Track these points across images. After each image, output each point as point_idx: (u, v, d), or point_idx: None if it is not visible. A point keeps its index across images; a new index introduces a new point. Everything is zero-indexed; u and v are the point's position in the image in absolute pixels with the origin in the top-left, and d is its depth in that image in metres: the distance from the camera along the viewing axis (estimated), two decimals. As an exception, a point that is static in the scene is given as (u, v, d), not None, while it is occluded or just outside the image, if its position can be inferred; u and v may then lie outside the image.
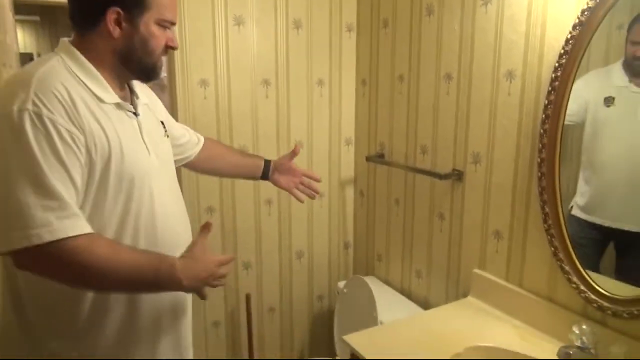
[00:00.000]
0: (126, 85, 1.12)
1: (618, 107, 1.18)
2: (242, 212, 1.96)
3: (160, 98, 1.32)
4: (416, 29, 1.74)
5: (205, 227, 1.05)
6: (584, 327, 1.16)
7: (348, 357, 1.38)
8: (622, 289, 1.18)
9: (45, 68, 0.96)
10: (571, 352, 1.16)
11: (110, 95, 1.02)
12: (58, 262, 0.90)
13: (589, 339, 1.15)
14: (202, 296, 1.03)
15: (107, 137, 0.97)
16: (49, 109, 0.90)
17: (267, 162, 1.52)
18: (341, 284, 2.03)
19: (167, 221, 1.10)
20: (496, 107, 1.46)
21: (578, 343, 1.16)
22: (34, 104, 0.89)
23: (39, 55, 3.86)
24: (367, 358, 1.26)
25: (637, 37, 1.13)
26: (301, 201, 1.50)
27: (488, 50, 1.46)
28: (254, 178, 1.53)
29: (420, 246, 1.84)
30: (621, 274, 1.21)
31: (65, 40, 1.04)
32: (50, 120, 0.89)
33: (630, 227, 1.20)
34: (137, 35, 1.02)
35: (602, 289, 1.20)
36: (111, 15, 0.99)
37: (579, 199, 1.28)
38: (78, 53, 1.01)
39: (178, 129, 1.39)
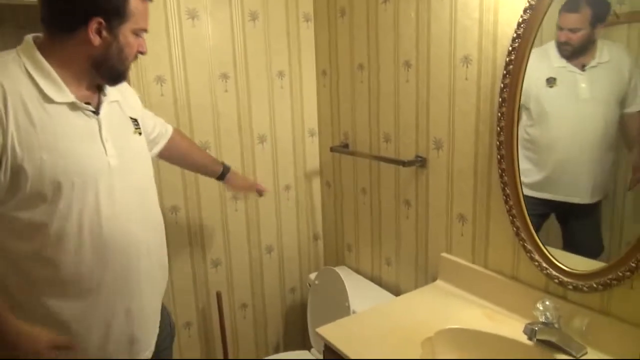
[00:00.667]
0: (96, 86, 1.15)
1: (560, 87, 1.22)
2: (207, 209, 1.92)
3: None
4: (373, 16, 1.74)
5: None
6: (547, 303, 1.19)
7: (322, 348, 1.38)
8: (579, 262, 1.22)
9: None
10: (536, 328, 1.20)
11: (63, 95, 1.05)
12: None
13: (552, 314, 1.19)
14: None
15: (38, 138, 1.00)
16: None
17: (226, 169, 1.67)
18: (312, 275, 2.03)
19: (116, 220, 1.12)
20: (454, 93, 1.48)
21: (542, 319, 1.19)
22: None
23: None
24: (340, 349, 1.26)
25: (562, 23, 1.18)
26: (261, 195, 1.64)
27: (444, 36, 1.48)
28: (211, 177, 1.69)
29: (389, 234, 1.85)
30: (573, 247, 1.25)
31: (29, 38, 1.07)
32: None
33: (579, 200, 1.25)
34: (116, 44, 1.07)
35: (562, 264, 1.25)
36: (93, 24, 1.03)
37: (524, 178, 1.31)
38: (37, 53, 1.04)
39: (149, 124, 1.43)
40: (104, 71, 1.10)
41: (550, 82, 1.22)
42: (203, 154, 1.70)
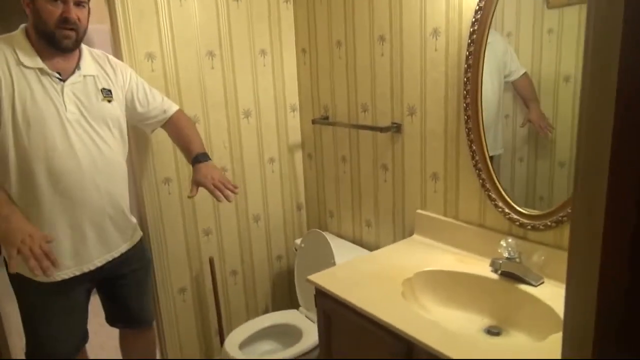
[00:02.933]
0: (76, 60, 1.50)
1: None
2: (198, 181, 2.03)
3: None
4: (349, -4, 1.88)
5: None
6: (509, 240, 1.38)
7: (312, 308, 1.52)
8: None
9: None
10: (501, 262, 1.38)
11: (34, 62, 1.41)
12: None
13: (514, 249, 1.37)
14: (8, 254, 1.25)
15: (13, 86, 1.36)
16: None
17: (201, 156, 1.69)
18: (298, 240, 2.18)
19: (69, 160, 1.44)
20: (425, 63, 1.64)
21: (505, 254, 1.38)
22: None
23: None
24: (330, 290, 1.42)
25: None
26: (218, 200, 1.62)
27: (415, 11, 1.63)
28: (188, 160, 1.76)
29: (368, 197, 2.02)
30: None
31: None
32: None
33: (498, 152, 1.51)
34: (36, 12, 1.38)
35: (522, 208, 1.43)
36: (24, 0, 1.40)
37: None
38: (19, 32, 1.44)
39: (152, 106, 1.70)
40: (40, 36, 1.41)
41: None
42: (185, 140, 1.74)
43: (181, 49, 1.90)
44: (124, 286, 1.69)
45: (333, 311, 1.45)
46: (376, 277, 1.48)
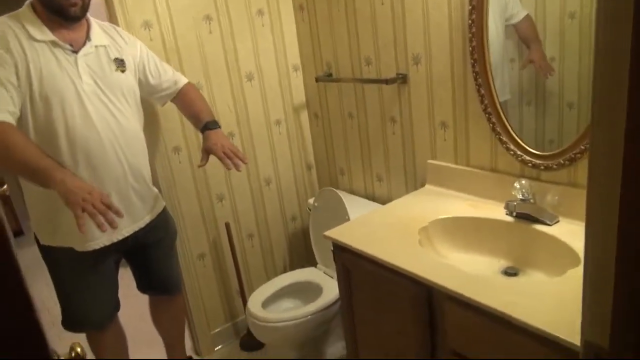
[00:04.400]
0: (85, 31, 1.49)
1: None
2: (207, 148, 2.04)
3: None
4: (345, -56, 1.81)
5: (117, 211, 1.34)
6: (523, 182, 1.38)
7: (330, 264, 1.55)
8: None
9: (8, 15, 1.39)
10: (515, 204, 1.39)
11: (45, 35, 1.39)
12: None
13: (528, 191, 1.37)
14: (76, 215, 1.24)
15: (27, 61, 1.35)
16: None
17: (205, 126, 1.68)
18: (311, 200, 2.20)
19: (90, 130, 1.44)
20: (428, 6, 1.59)
21: (519, 196, 1.38)
22: None
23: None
24: (347, 243, 1.44)
25: None
26: (227, 168, 1.62)
27: (414, -46, 1.57)
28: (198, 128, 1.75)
29: (378, 151, 2.01)
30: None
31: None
32: None
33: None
34: None
35: (534, 149, 1.42)
36: None
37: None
38: (25, 7, 1.42)
39: (163, 78, 1.71)
40: (48, 7, 1.39)
41: None
42: (196, 110, 1.73)
43: (177, 15, 1.87)
44: (151, 255, 1.73)
45: (352, 264, 1.48)
46: (392, 228, 1.50)
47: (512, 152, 1.47)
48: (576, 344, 0.86)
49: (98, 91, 1.46)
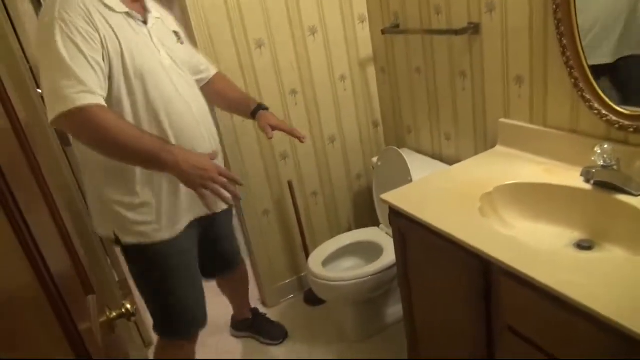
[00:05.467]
0: (141, 1, 1.39)
1: None
2: (269, 105, 2.01)
3: (168, 10, 1.55)
4: None
5: (213, 156, 1.33)
6: (605, 146, 1.21)
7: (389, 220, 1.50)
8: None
9: None
10: (594, 171, 1.23)
11: (120, 5, 1.28)
12: (77, 125, 1.19)
13: (610, 156, 1.21)
14: (201, 194, 1.22)
15: (117, 37, 1.24)
16: (70, 16, 1.18)
17: (261, 106, 1.64)
18: (374, 158, 2.13)
19: (178, 104, 1.35)
20: (505, -54, 1.40)
21: (600, 162, 1.22)
22: (60, 12, 1.17)
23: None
24: (403, 208, 1.38)
25: None
26: (301, 140, 1.60)
27: None
28: (244, 116, 1.70)
29: (446, 109, 1.88)
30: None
31: None
32: (72, 23, 1.17)
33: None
34: None
35: (623, 108, 1.24)
36: None
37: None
38: None
39: (195, 55, 1.62)
40: None
41: None
42: (240, 94, 1.72)
43: (237, -33, 1.82)
44: (219, 228, 1.66)
45: (407, 229, 1.42)
46: (452, 193, 1.40)
47: (596, 112, 1.29)
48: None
49: (174, 65, 1.38)
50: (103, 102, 1.20)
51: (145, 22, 1.34)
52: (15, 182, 0.54)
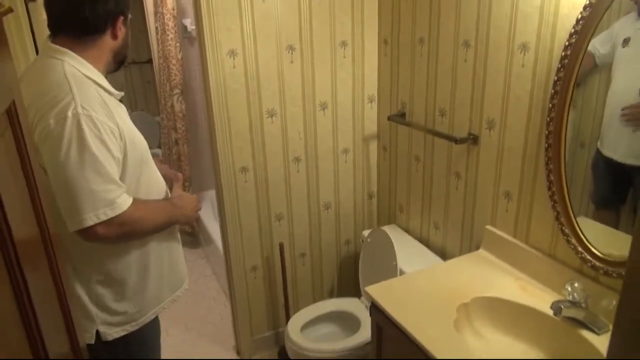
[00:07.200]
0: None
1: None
2: (273, 169, 2.13)
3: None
4: (436, -8, 1.77)
5: (179, 179, 1.50)
6: (575, 285, 1.32)
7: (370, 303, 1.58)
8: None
9: (68, 74, 1.14)
10: (562, 306, 1.33)
11: (112, 88, 1.25)
12: (121, 227, 1.18)
13: (579, 295, 1.31)
14: (193, 226, 1.37)
15: (120, 126, 1.19)
16: (95, 111, 1.13)
17: None
18: (366, 232, 2.23)
19: (159, 182, 1.39)
20: (510, 77, 1.53)
21: (570, 298, 1.32)
22: (83, 108, 1.11)
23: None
24: (384, 307, 1.46)
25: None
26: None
27: (504, 20, 1.51)
28: None
29: (438, 200, 1.99)
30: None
31: (55, 46, 1.18)
32: (99, 121, 1.13)
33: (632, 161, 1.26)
34: (127, 33, 1.29)
35: (597, 250, 1.34)
36: (119, 22, 1.24)
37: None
38: (78, 57, 1.19)
39: None
40: (118, 58, 1.29)
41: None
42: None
43: (262, 44, 1.94)
44: None
45: (385, 324, 1.50)
46: (433, 297, 1.49)
47: (572, 247, 1.40)
48: None
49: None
50: (131, 198, 1.20)
51: (121, 100, 1.33)
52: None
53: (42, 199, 0.79)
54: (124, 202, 1.16)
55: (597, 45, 1.26)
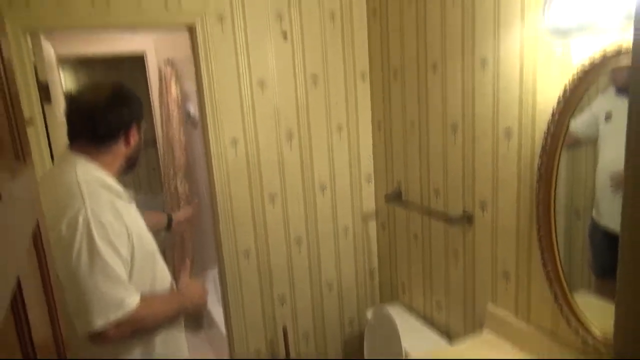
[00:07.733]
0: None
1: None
2: (275, 252, 2.16)
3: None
4: (423, 81, 1.89)
5: (186, 267, 1.54)
6: (579, 369, 1.30)
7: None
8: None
9: (81, 181, 1.20)
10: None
11: (122, 191, 1.30)
12: (130, 325, 1.21)
13: (584, 380, 1.29)
14: (201, 313, 1.34)
15: (128, 227, 1.23)
16: (105, 215, 1.18)
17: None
18: (369, 313, 2.21)
19: (164, 274, 1.40)
20: (497, 160, 1.60)
21: (575, 383, 1.30)
22: (93, 212, 1.17)
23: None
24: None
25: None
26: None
27: (487, 106, 1.60)
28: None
29: (439, 279, 1.99)
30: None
31: (71, 153, 1.27)
32: (109, 223, 1.18)
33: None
34: (141, 139, 1.37)
35: (599, 331, 1.33)
36: (133, 129, 1.33)
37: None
38: (92, 164, 1.26)
39: None
40: (130, 162, 1.36)
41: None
42: None
43: (262, 133, 2.05)
44: None
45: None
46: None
47: (573, 329, 1.40)
48: None
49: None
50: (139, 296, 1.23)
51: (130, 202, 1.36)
52: None
53: (57, 304, 0.83)
54: (134, 301, 1.20)
55: (579, 124, 1.33)
